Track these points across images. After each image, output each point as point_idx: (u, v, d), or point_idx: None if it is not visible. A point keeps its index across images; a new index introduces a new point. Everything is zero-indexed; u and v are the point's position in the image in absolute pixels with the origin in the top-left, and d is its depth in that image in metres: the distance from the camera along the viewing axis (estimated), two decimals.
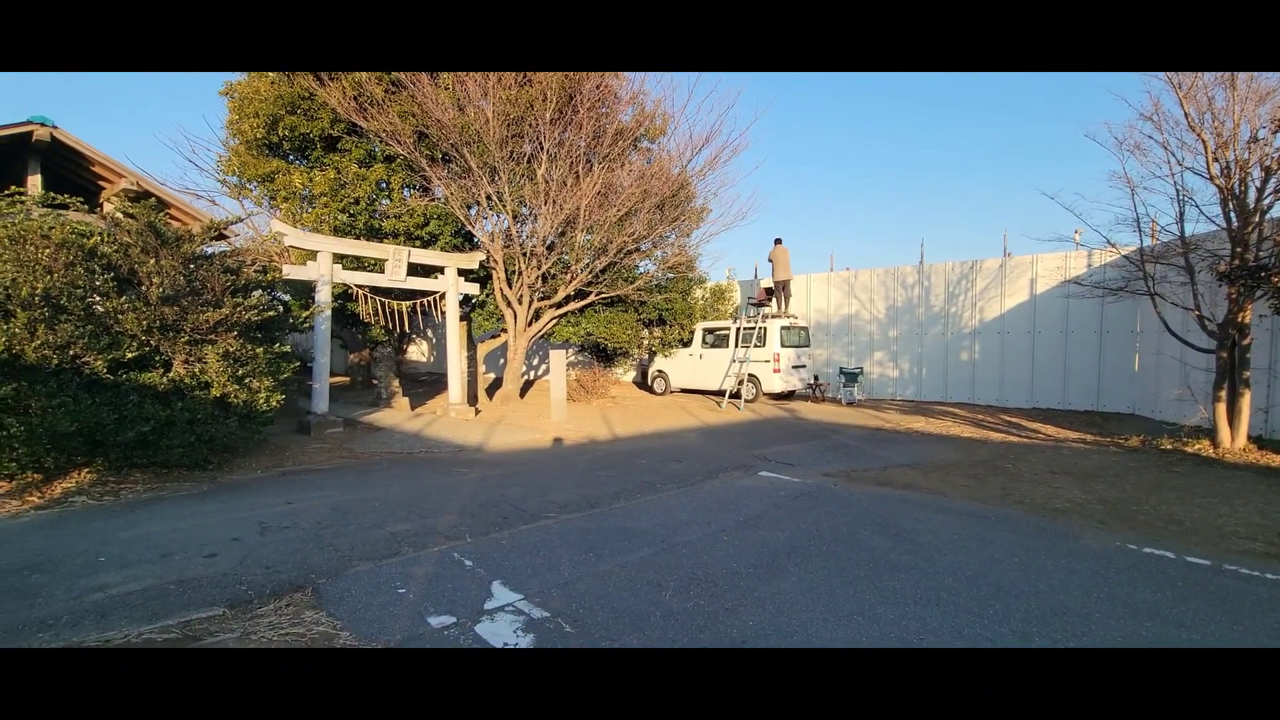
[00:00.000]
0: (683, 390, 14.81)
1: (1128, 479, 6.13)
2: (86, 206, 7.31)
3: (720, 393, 13.03)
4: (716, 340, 13.98)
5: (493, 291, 12.08)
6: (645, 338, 14.80)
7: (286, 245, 9.24)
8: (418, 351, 22.21)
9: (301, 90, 10.07)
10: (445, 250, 11.09)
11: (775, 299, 13.72)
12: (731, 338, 13.48)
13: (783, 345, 12.85)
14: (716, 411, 11.88)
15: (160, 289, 5.77)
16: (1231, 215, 7.07)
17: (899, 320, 14.24)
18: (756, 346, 12.80)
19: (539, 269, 11.35)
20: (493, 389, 13.40)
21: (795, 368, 13.31)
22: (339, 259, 9.28)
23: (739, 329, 13.30)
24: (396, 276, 9.74)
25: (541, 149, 10.59)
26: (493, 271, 11.61)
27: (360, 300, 9.76)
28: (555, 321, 12.65)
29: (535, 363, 18.46)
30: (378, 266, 9.87)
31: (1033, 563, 3.76)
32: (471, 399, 11.83)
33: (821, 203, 56.49)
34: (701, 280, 15.51)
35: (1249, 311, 7.09)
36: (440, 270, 10.63)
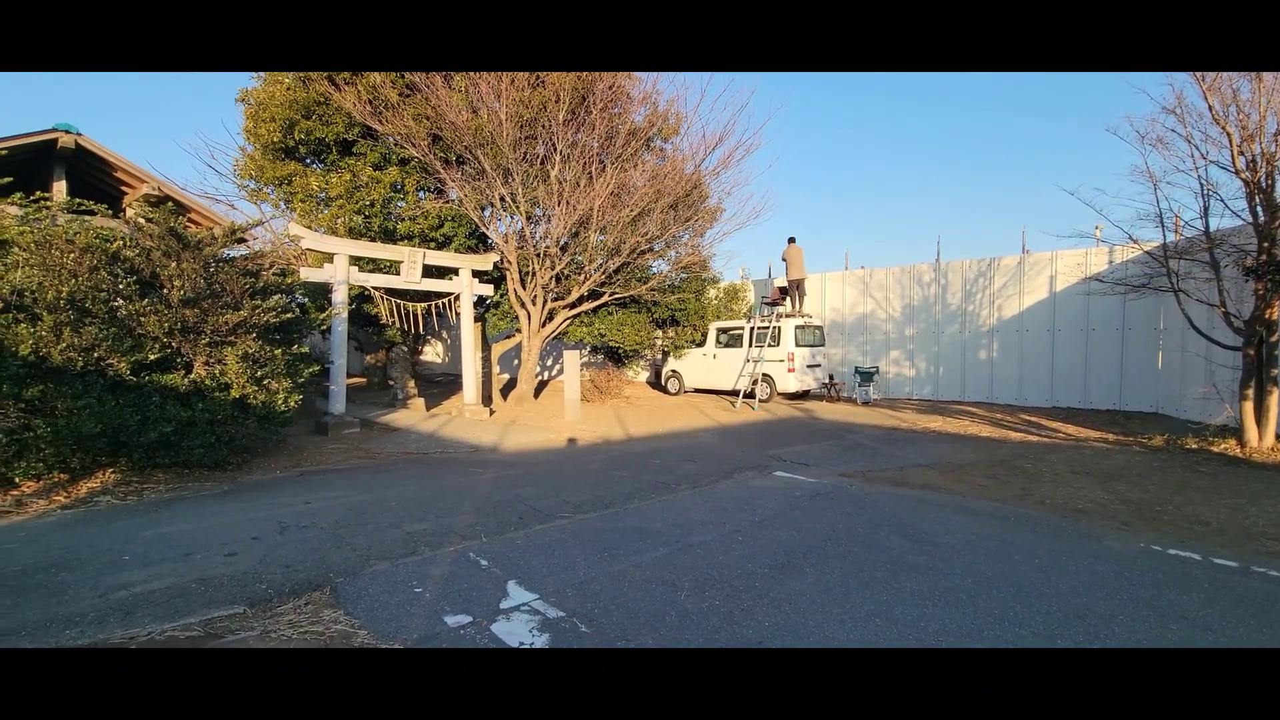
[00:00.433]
0: (696, 390, 14.78)
1: (1151, 479, 6.02)
2: (110, 212, 7.45)
3: (734, 393, 12.98)
4: (730, 340, 13.93)
5: (507, 292, 12.14)
6: (659, 338, 14.79)
7: (304, 248, 9.36)
8: (433, 353, 22.39)
9: (317, 95, 10.20)
10: (460, 252, 11.17)
11: (789, 298, 13.64)
12: (745, 337, 13.43)
13: (797, 344, 12.77)
14: (731, 411, 11.84)
15: (181, 292, 5.87)
16: (1258, 209, 6.92)
17: (915, 319, 14.10)
18: (771, 346, 12.73)
19: (552, 270, 11.38)
20: (507, 389, 13.46)
21: (810, 367, 13.22)
22: (355, 261, 9.38)
23: (753, 328, 13.24)
24: (412, 278, 9.83)
25: (555, 150, 10.62)
26: (507, 272, 11.67)
27: (376, 302, 9.86)
28: (569, 322, 12.69)
29: (549, 363, 18.52)
30: (393, 268, 9.96)
31: (1053, 564, 3.70)
32: (486, 399, 11.90)
33: (836, 202, 56.16)
34: (715, 280, 15.48)
35: (1276, 308, 6.93)
36: (455, 272, 10.70)
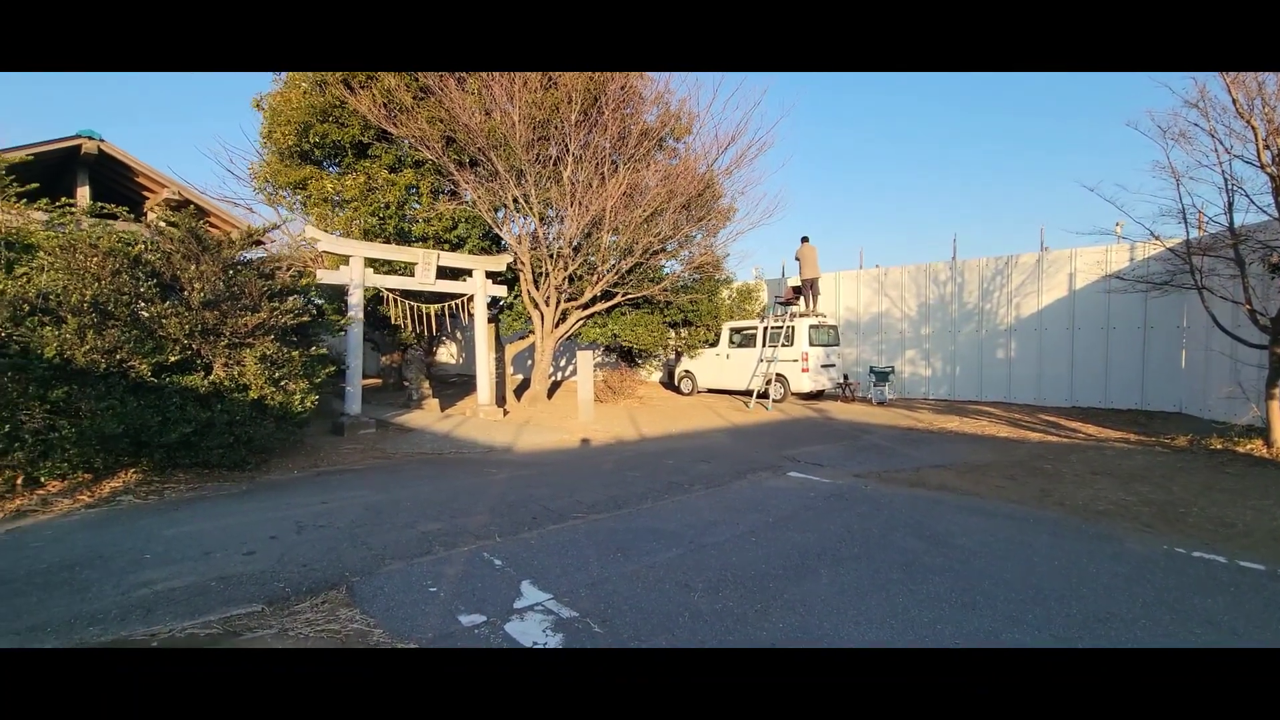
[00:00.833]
0: (710, 390, 14.74)
1: (1175, 480, 5.90)
2: (132, 216, 7.59)
3: (748, 393, 12.93)
4: (744, 340, 13.88)
5: (520, 293, 12.19)
6: (671, 338, 14.77)
7: (320, 250, 9.46)
8: (447, 354, 22.55)
9: (332, 99, 10.31)
10: (473, 253, 11.24)
11: (803, 298, 13.56)
12: (759, 337, 13.37)
13: (811, 344, 12.69)
14: (744, 412, 11.79)
15: (201, 294, 5.96)
16: None
17: (931, 318, 13.95)
18: (784, 346, 12.66)
19: (565, 270, 11.42)
20: (520, 390, 13.52)
21: (824, 367, 13.14)
22: (370, 263, 9.46)
23: (766, 328, 13.18)
24: (426, 280, 9.90)
25: (567, 151, 10.65)
26: (520, 273, 11.72)
27: (391, 304, 9.94)
28: (582, 323, 12.71)
29: (562, 364, 18.57)
30: (408, 270, 10.04)
31: (1074, 566, 3.64)
32: (500, 400, 11.95)
33: (850, 201, 55.77)
34: (728, 280, 15.44)
35: None
36: (468, 273, 10.76)
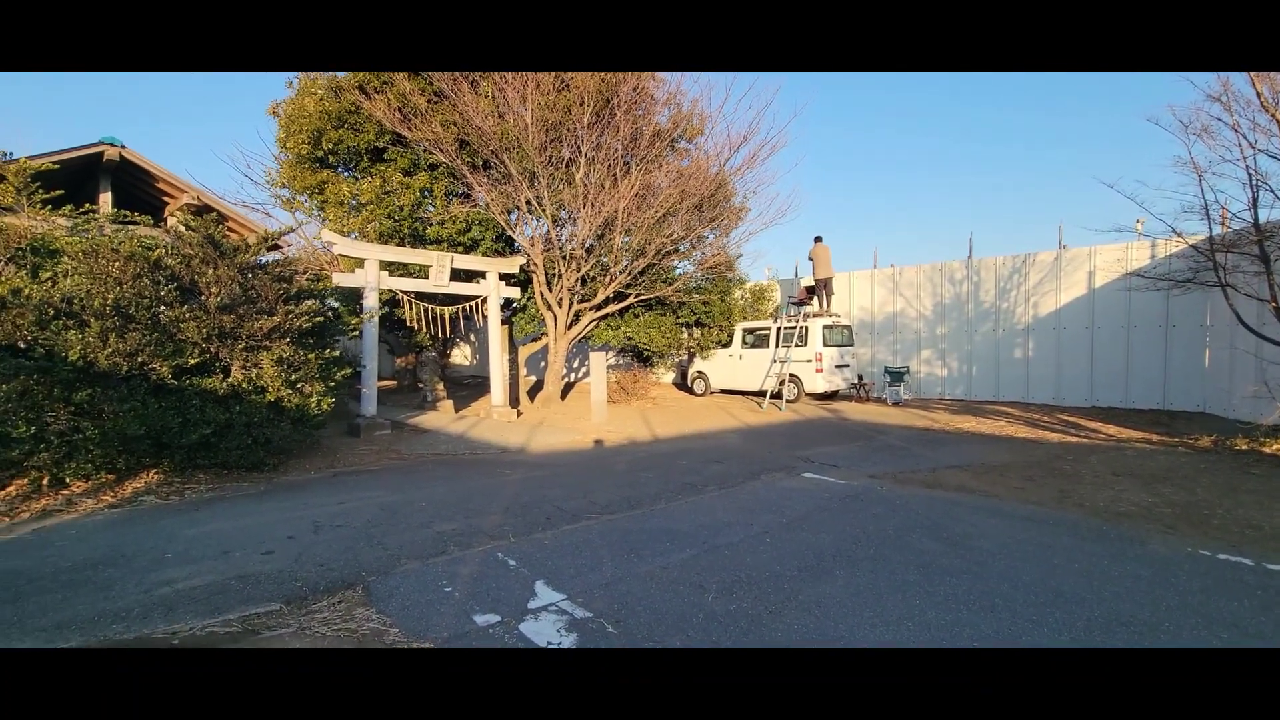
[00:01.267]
0: (723, 391, 14.69)
1: (1199, 481, 5.79)
2: (152, 221, 7.72)
3: (761, 393, 12.88)
4: (757, 340, 13.82)
5: (533, 295, 12.24)
6: (684, 339, 14.75)
7: (336, 254, 9.58)
8: (461, 355, 22.68)
9: (348, 104, 10.42)
10: (486, 255, 11.30)
11: (817, 297, 13.49)
12: (772, 338, 13.31)
13: (825, 344, 12.61)
14: (757, 412, 11.74)
15: (219, 298, 6.04)
16: None
17: (947, 317, 13.81)
18: (798, 346, 12.59)
19: (578, 272, 11.44)
20: (534, 391, 13.57)
21: (838, 367, 13.04)
22: (385, 266, 9.55)
23: (779, 328, 13.12)
24: (440, 282, 9.98)
25: (580, 153, 10.68)
26: (533, 275, 11.76)
27: (406, 306, 10.03)
28: (594, 324, 12.73)
29: (575, 365, 18.61)
30: (422, 272, 10.12)
31: (1095, 569, 3.58)
32: (513, 401, 12.00)
33: (864, 200, 55.38)
34: (741, 280, 15.38)
35: None
36: (482, 275, 10.83)
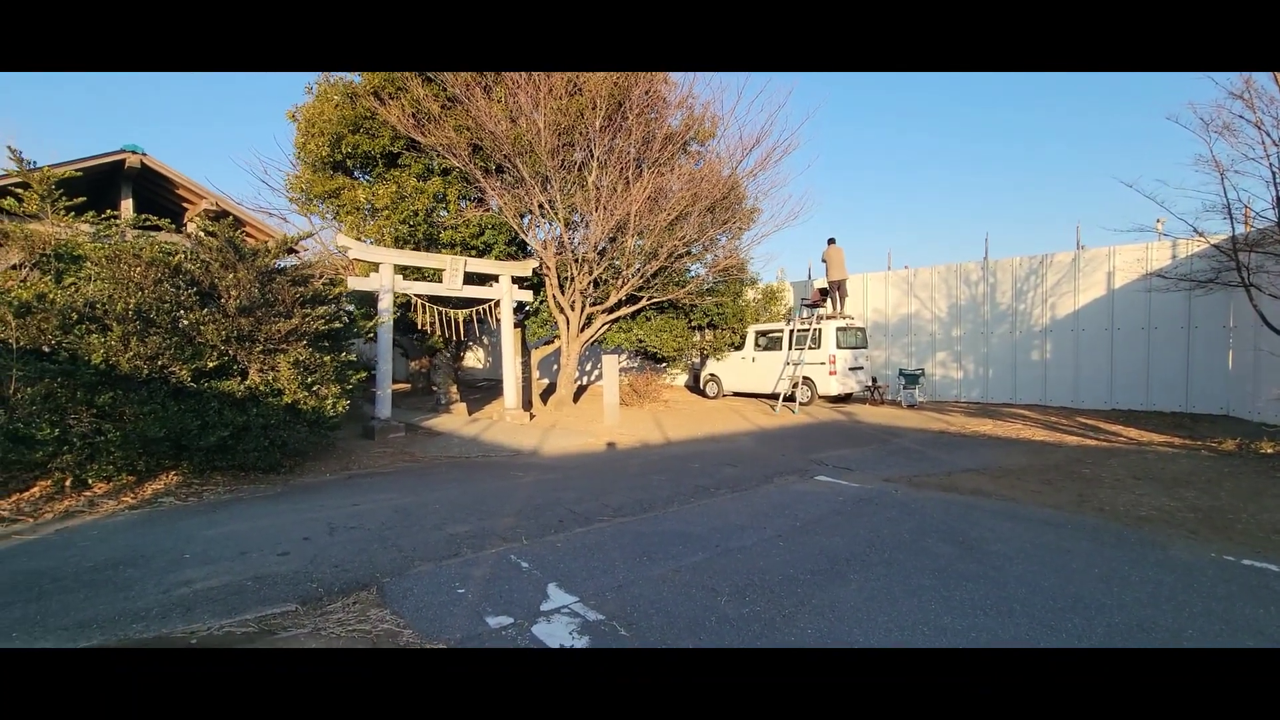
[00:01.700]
0: (735, 394, 14.65)
1: (1222, 485, 5.67)
2: (173, 226, 7.86)
3: (774, 396, 12.81)
4: (769, 343, 13.77)
5: (546, 298, 12.29)
6: (696, 342, 14.72)
7: (351, 258, 9.68)
8: (474, 358, 22.81)
9: (363, 110, 10.54)
10: (500, 259, 11.36)
11: (830, 299, 13.41)
12: (785, 340, 13.25)
13: (838, 346, 12.54)
14: (770, 415, 11.69)
15: (237, 302, 6.13)
16: None
17: (962, 319, 13.67)
18: (811, 348, 12.52)
19: (590, 275, 11.47)
20: (547, 394, 13.62)
21: (852, 369, 12.96)
22: (400, 270, 9.64)
23: (792, 331, 13.06)
24: (454, 285, 10.05)
25: (592, 156, 10.71)
26: (545, 278, 11.81)
27: (419, 309, 10.10)
28: (607, 327, 12.75)
29: (588, 368, 18.65)
30: (436, 276, 10.20)
31: (1115, 574, 3.52)
32: (526, 404, 12.05)
33: (877, 201, 55.02)
34: (753, 282, 15.34)
35: None
36: (495, 278, 10.89)
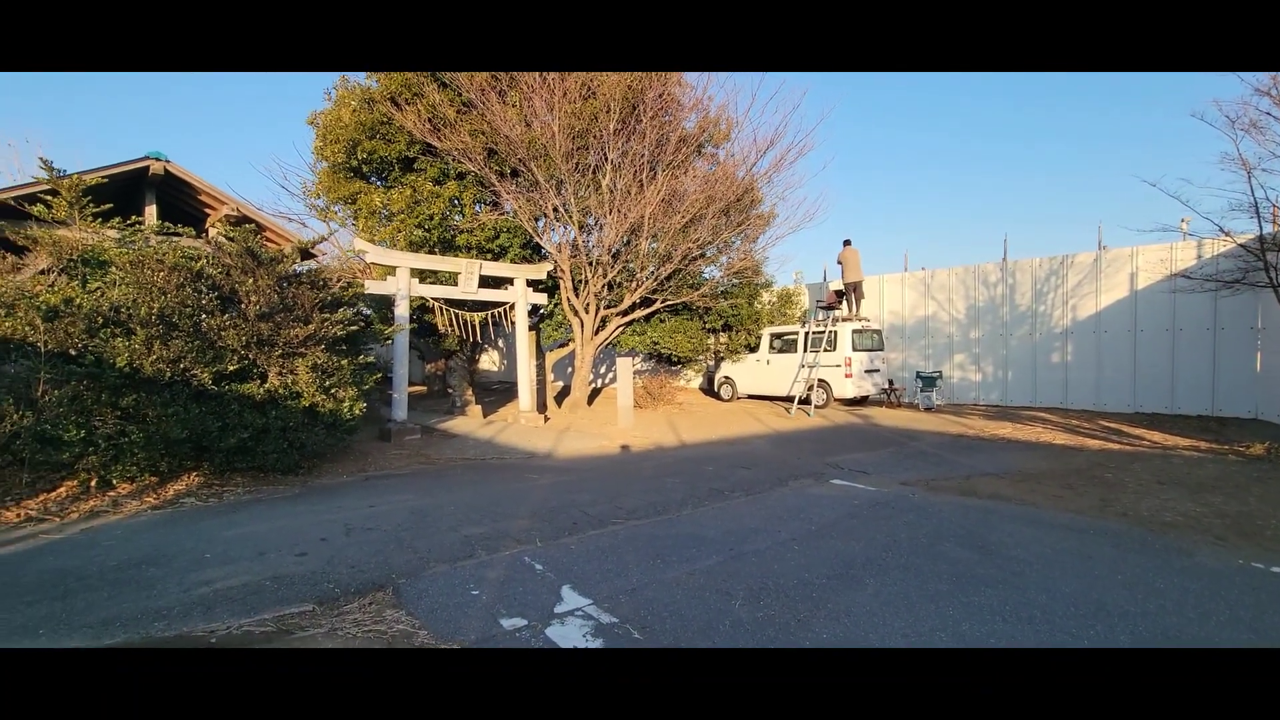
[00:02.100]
0: (750, 396, 14.59)
1: (1251, 490, 5.53)
2: (194, 232, 8.00)
3: (789, 399, 12.74)
4: (784, 345, 13.70)
5: (560, 301, 12.33)
6: (711, 344, 14.69)
7: (368, 262, 9.78)
8: (489, 361, 22.95)
9: (380, 115, 10.66)
10: (514, 262, 11.42)
11: (846, 302, 13.32)
12: (800, 342, 13.18)
13: (854, 349, 12.45)
14: (785, 418, 11.62)
15: (257, 306, 6.22)
16: None
17: (981, 321, 13.50)
18: (827, 351, 12.44)
19: (604, 278, 11.49)
20: (561, 397, 13.66)
21: (868, 372, 12.85)
22: (416, 273, 9.73)
23: (808, 333, 12.98)
24: (469, 289, 10.12)
25: (606, 159, 10.74)
26: (560, 281, 11.85)
27: (435, 312, 10.19)
28: (621, 330, 12.76)
29: (602, 370, 18.67)
30: (451, 280, 10.28)
31: (1139, 581, 3.45)
32: (541, 407, 12.09)
33: (893, 202, 54.53)
34: (768, 284, 15.27)
35: None
36: (510, 281, 10.95)
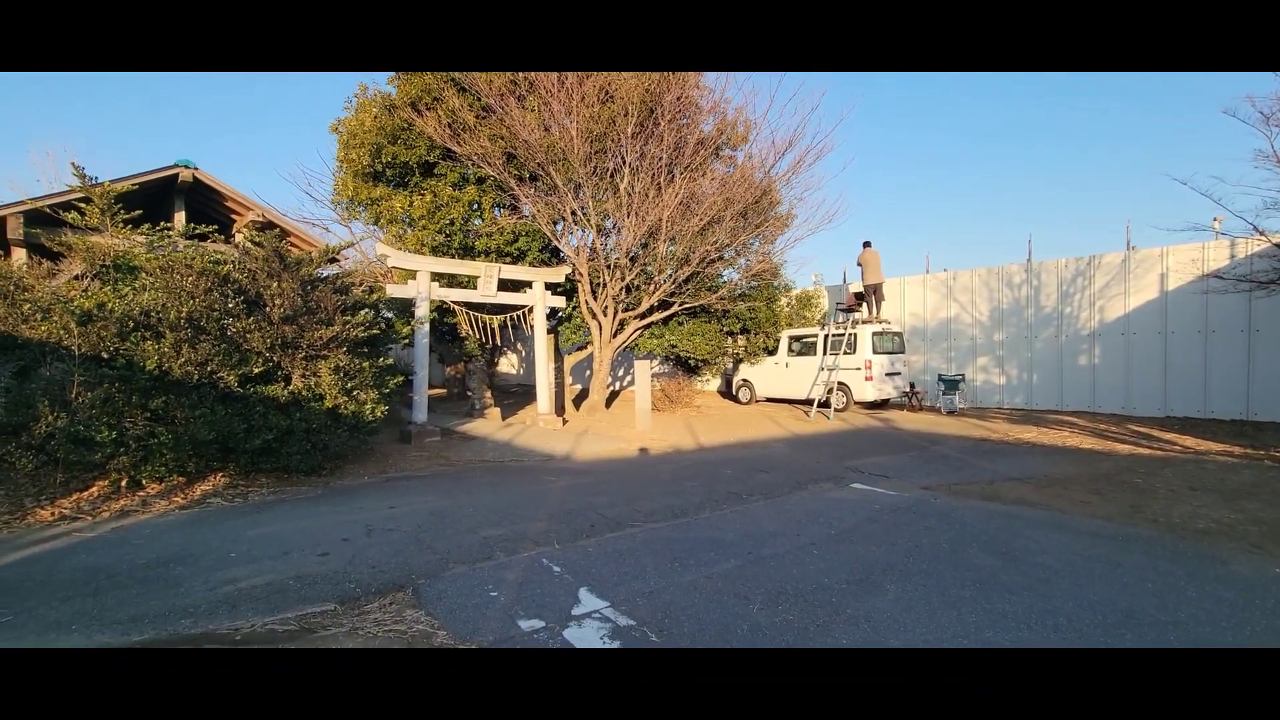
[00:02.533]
0: (769, 399, 14.50)
1: None
2: (221, 237, 8.18)
3: (808, 402, 12.64)
4: (803, 348, 13.60)
5: (578, 304, 12.38)
6: (729, 347, 14.64)
7: (390, 266, 9.92)
8: (508, 364, 23.10)
9: (401, 121, 10.81)
10: (533, 265, 11.50)
11: (866, 304, 13.18)
12: (819, 345, 13.06)
13: (875, 351, 12.31)
14: (805, 421, 11.53)
15: (281, 310, 6.34)
16: None
17: (1005, 323, 13.27)
18: (846, 353, 12.32)
19: (622, 281, 11.51)
20: (579, 400, 13.70)
21: (889, 375, 12.69)
22: (436, 277, 9.84)
23: (827, 335, 12.87)
24: (488, 292, 10.20)
25: (624, 163, 10.77)
26: (578, 284, 11.90)
27: (455, 315, 10.29)
28: (639, 333, 12.77)
29: (620, 373, 18.70)
30: (471, 283, 10.37)
31: (1170, 589, 3.36)
32: (559, 409, 12.14)
33: (915, 204, 53.95)
34: (787, 287, 15.18)
35: None
36: (528, 285, 11.02)
